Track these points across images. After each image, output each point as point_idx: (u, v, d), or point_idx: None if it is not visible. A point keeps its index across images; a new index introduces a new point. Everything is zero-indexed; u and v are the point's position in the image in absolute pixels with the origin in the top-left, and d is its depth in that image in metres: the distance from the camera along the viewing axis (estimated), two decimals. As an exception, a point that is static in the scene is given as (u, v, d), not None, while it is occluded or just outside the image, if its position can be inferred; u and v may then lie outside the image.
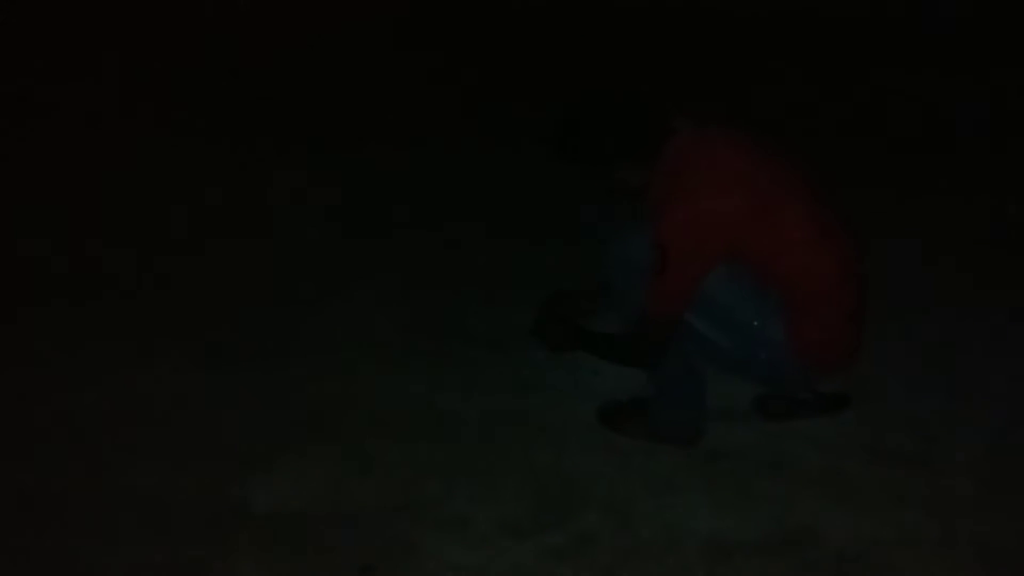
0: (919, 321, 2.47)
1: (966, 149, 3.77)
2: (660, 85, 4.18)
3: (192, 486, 1.87)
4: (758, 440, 2.01)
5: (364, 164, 3.66)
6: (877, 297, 2.35)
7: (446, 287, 2.68)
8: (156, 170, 3.62)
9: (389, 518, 1.79)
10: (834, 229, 1.82)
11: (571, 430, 2.05)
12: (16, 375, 2.26)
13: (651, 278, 1.77)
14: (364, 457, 1.96)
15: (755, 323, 1.82)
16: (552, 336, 2.06)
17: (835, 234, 1.82)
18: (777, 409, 2.06)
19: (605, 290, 2.23)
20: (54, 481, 1.89)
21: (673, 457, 1.95)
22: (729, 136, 1.84)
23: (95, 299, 2.62)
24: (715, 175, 1.76)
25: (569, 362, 2.11)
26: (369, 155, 3.75)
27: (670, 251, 1.74)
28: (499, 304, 2.52)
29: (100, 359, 2.32)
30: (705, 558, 1.70)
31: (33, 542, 1.74)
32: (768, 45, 5.33)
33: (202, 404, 2.14)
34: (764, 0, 5.73)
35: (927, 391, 2.17)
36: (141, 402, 2.15)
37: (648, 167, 1.82)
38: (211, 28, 5.65)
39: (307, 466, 1.93)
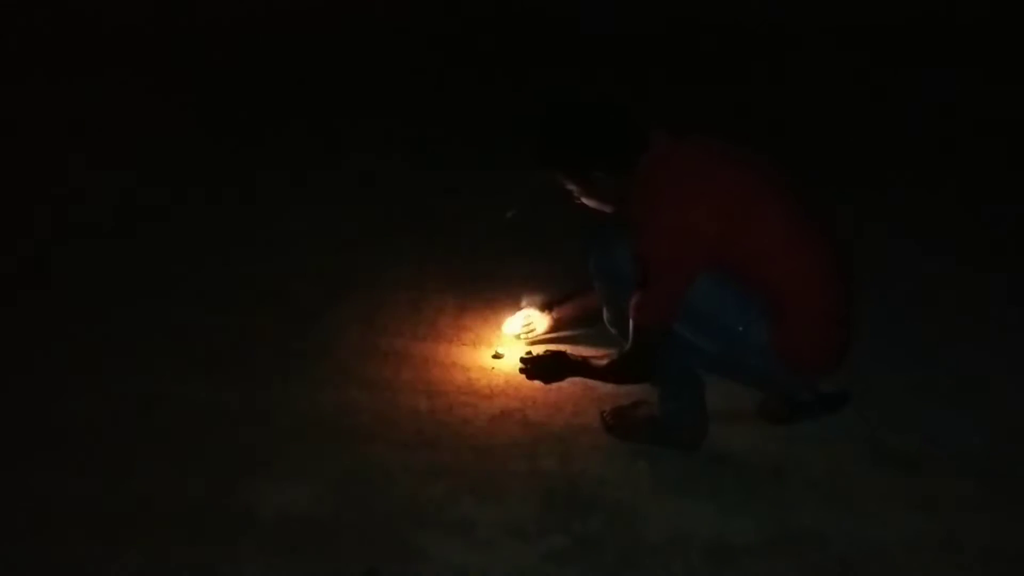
0: (919, 321, 2.48)
1: (962, 148, 3.78)
2: (656, 97, 4.18)
3: (196, 490, 1.88)
4: (760, 443, 2.01)
5: (364, 166, 3.66)
6: (876, 297, 2.37)
7: (448, 290, 2.67)
8: (155, 170, 3.62)
9: (393, 521, 1.80)
10: (814, 233, 1.82)
11: (575, 434, 2.05)
12: (18, 378, 2.26)
13: (637, 291, 1.78)
14: (368, 460, 1.97)
15: (740, 328, 1.82)
16: (542, 370, 2.09)
17: (815, 238, 1.82)
18: (778, 412, 2.06)
19: (591, 297, 2.24)
20: (56, 484, 1.89)
21: (676, 460, 1.96)
22: (705, 147, 1.84)
23: (96, 302, 2.61)
24: (692, 187, 1.76)
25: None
26: (370, 157, 3.74)
27: (651, 264, 1.76)
28: (501, 308, 2.51)
29: (102, 362, 2.32)
30: (709, 561, 1.71)
31: (34, 544, 1.74)
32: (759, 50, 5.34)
33: (205, 408, 2.14)
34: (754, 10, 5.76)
35: (927, 391, 2.18)
36: (144, 406, 2.15)
37: (625, 177, 1.82)
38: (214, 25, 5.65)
39: (311, 469, 1.94)
